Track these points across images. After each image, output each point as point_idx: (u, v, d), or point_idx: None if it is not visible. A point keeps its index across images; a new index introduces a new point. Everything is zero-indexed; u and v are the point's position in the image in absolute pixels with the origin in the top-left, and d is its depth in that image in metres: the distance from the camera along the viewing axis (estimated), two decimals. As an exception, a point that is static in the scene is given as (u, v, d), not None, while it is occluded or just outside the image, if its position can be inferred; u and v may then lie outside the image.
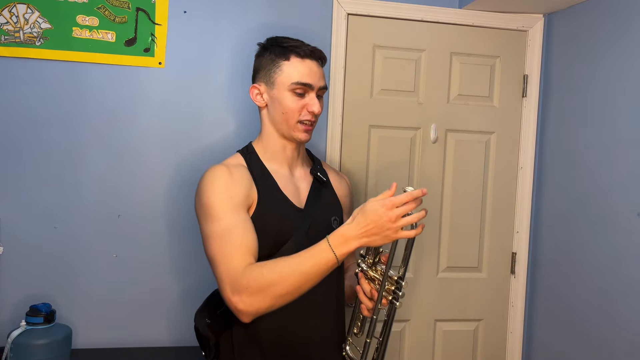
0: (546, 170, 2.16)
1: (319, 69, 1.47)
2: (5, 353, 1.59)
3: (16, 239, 1.85)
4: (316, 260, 1.22)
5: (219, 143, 1.97)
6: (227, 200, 1.35)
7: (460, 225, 2.21)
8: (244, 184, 1.40)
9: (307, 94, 1.44)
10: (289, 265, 1.23)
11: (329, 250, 1.22)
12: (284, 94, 1.43)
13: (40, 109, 1.85)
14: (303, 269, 1.22)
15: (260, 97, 1.49)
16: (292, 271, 1.23)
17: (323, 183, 1.55)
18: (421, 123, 2.15)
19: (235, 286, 1.25)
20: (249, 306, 1.24)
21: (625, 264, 1.74)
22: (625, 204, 1.75)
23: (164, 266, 1.96)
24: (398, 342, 2.18)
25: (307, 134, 1.46)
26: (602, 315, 1.83)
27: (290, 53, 1.44)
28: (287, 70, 1.43)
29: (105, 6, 1.87)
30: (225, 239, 1.31)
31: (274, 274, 1.23)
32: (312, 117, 1.45)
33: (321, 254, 1.22)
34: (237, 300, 1.24)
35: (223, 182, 1.38)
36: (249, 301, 1.23)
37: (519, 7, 2.10)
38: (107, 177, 1.90)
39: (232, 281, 1.26)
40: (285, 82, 1.43)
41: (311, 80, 1.43)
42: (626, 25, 1.78)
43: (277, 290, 1.22)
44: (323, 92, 1.49)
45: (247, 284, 1.23)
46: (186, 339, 1.95)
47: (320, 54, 1.48)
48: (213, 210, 1.35)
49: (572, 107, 2.02)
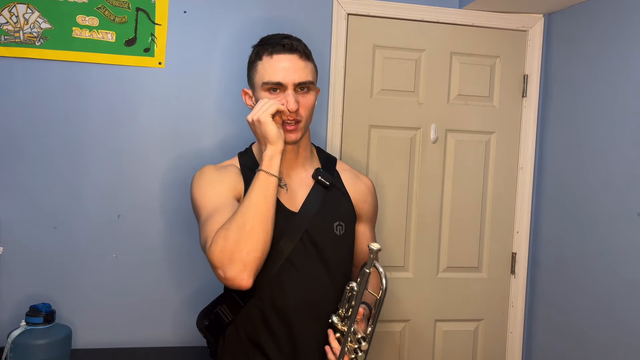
0: (546, 170, 2.16)
1: (297, 62, 1.36)
2: (5, 353, 1.59)
3: (16, 239, 1.84)
4: (252, 186, 1.28)
5: (218, 143, 1.97)
6: (209, 190, 1.38)
7: (460, 225, 2.21)
8: (230, 179, 1.41)
9: (282, 92, 1.35)
10: (241, 207, 1.26)
11: (259, 172, 1.29)
12: (261, 95, 1.37)
13: (40, 109, 1.85)
14: (249, 197, 1.26)
15: (250, 101, 1.45)
16: (240, 207, 1.26)
17: (327, 186, 1.46)
18: (421, 123, 2.15)
19: (211, 242, 1.25)
20: (220, 251, 1.22)
21: (625, 264, 1.74)
22: (625, 204, 1.75)
23: (163, 266, 1.96)
24: (398, 342, 2.18)
25: (293, 134, 1.37)
26: (602, 315, 1.83)
27: (263, 52, 1.37)
28: (260, 70, 1.37)
29: (105, 6, 1.87)
30: (209, 222, 1.31)
31: (230, 220, 1.25)
32: (292, 116, 1.35)
33: (255, 180, 1.29)
34: (213, 251, 1.23)
35: (207, 177, 1.41)
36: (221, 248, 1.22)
37: (519, 7, 2.10)
38: (107, 177, 1.90)
39: (211, 257, 1.24)
40: (259, 82, 1.37)
41: (281, 78, 1.34)
42: (626, 25, 1.78)
43: (236, 229, 1.23)
44: (308, 85, 1.38)
45: (217, 236, 1.24)
46: (186, 339, 1.95)
47: (294, 46, 1.36)
48: (199, 203, 1.38)
49: (572, 107, 2.02)
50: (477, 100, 2.19)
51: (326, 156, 1.57)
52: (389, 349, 2.17)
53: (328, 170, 1.50)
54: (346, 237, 1.48)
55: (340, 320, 1.35)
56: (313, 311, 1.40)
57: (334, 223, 1.45)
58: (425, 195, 2.17)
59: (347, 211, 1.50)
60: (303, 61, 1.37)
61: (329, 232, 1.44)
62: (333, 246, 1.44)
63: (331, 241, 1.44)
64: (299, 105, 1.36)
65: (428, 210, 2.18)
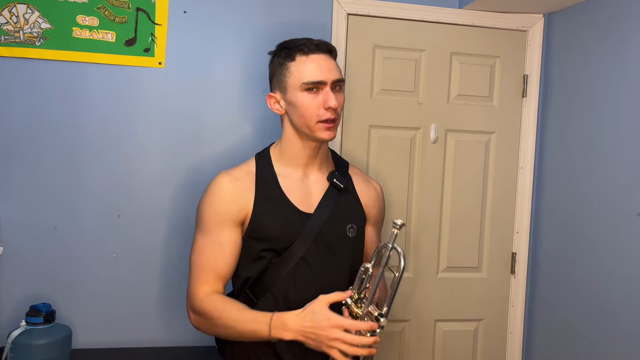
0: (546, 170, 2.16)
1: (329, 61, 1.42)
2: (5, 353, 1.59)
3: (16, 239, 1.84)
4: (253, 327, 1.33)
5: (218, 143, 1.97)
6: (213, 216, 1.42)
7: (460, 225, 2.21)
8: (237, 199, 1.42)
9: (321, 90, 1.39)
10: (232, 317, 1.35)
11: (267, 325, 1.31)
12: (298, 96, 1.40)
13: (40, 109, 1.85)
14: (239, 327, 1.34)
15: (278, 104, 1.46)
16: (231, 323, 1.35)
17: (341, 189, 1.49)
18: (421, 123, 2.15)
19: (192, 305, 1.43)
20: (196, 324, 1.44)
21: (625, 264, 1.74)
22: (625, 204, 1.75)
23: (163, 266, 1.96)
24: (398, 342, 2.18)
25: (331, 132, 1.41)
26: (602, 315, 1.83)
27: (295, 53, 1.41)
28: (295, 71, 1.40)
29: (105, 6, 1.87)
30: (201, 256, 1.43)
31: (219, 317, 1.36)
32: (332, 114, 1.39)
33: (259, 325, 1.32)
34: (190, 315, 1.44)
35: (216, 195, 1.43)
36: (196, 321, 1.43)
37: (519, 7, 2.10)
38: (107, 177, 1.90)
39: (191, 300, 1.42)
40: (295, 83, 1.40)
41: (321, 76, 1.38)
42: (626, 25, 1.78)
43: (216, 328, 1.39)
44: (340, 84, 1.43)
45: (199, 309, 1.40)
46: (186, 339, 1.95)
47: (327, 46, 1.43)
48: (201, 221, 1.45)
49: (572, 107, 2.02)
50: (477, 100, 2.19)
51: (339, 160, 1.60)
52: (389, 349, 2.17)
53: (341, 173, 1.53)
54: (357, 239, 1.52)
55: (354, 302, 1.34)
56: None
57: (346, 225, 1.49)
58: (425, 195, 2.17)
59: (358, 214, 1.53)
60: (334, 60, 1.44)
61: (342, 234, 1.48)
62: (346, 248, 1.48)
63: (344, 243, 1.48)
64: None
65: (428, 210, 2.18)
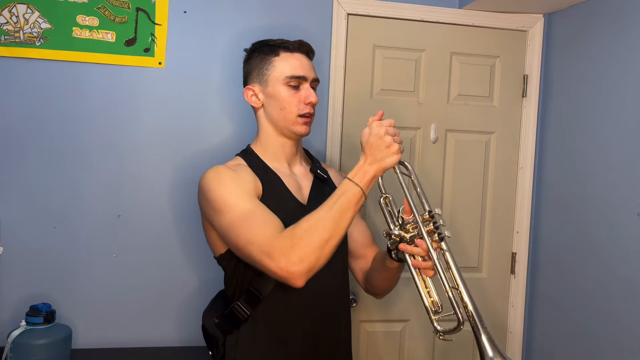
0: (546, 170, 2.16)
1: (309, 61, 1.51)
2: (5, 353, 1.59)
3: (16, 239, 1.84)
4: (345, 197, 1.27)
5: (218, 143, 1.97)
6: (237, 189, 1.37)
7: (460, 225, 2.21)
8: (249, 177, 1.43)
9: (301, 86, 1.47)
10: (321, 210, 1.26)
11: (352, 184, 1.28)
12: (279, 89, 1.46)
13: (40, 109, 1.85)
14: (335, 207, 1.26)
15: (256, 97, 1.51)
16: (324, 213, 1.25)
17: (324, 180, 1.56)
18: (421, 123, 2.15)
19: (278, 251, 1.23)
20: (299, 263, 1.22)
21: (625, 264, 1.74)
22: (625, 204, 1.75)
23: (163, 266, 1.96)
24: (398, 342, 2.18)
25: (307, 127, 1.48)
26: (602, 315, 1.83)
27: (278, 49, 1.48)
28: (279, 66, 1.46)
29: (105, 6, 1.87)
30: (250, 219, 1.31)
31: (309, 221, 1.25)
32: (311, 109, 1.47)
33: (347, 191, 1.27)
34: (287, 263, 1.22)
35: (228, 175, 1.41)
36: (297, 258, 1.22)
37: (519, 7, 2.10)
38: (107, 177, 1.90)
39: (273, 249, 1.24)
40: (278, 76, 1.46)
41: (303, 72, 1.46)
42: (626, 25, 1.78)
43: (317, 235, 1.23)
44: (316, 84, 1.51)
45: (290, 242, 1.23)
46: (186, 339, 1.95)
47: (308, 47, 1.52)
48: (226, 201, 1.35)
49: (572, 107, 2.02)
50: (477, 100, 2.19)
51: (312, 156, 1.65)
52: (389, 349, 2.17)
53: (319, 167, 1.59)
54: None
55: (401, 230, 1.36)
56: (329, 297, 1.48)
57: None
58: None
59: None
60: (310, 62, 1.53)
61: None
62: None
63: None
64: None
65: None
